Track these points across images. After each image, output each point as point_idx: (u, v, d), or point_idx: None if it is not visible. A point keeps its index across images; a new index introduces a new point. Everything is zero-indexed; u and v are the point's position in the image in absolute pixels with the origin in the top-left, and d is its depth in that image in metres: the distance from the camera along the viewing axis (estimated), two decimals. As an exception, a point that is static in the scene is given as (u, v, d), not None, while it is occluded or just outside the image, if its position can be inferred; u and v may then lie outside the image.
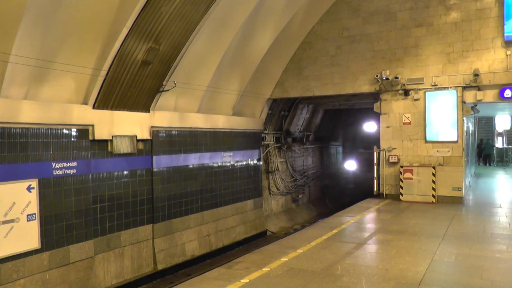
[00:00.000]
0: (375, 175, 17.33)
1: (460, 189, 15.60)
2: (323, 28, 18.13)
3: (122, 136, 11.41)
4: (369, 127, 23.56)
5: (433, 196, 15.72)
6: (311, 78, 18.26)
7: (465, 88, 15.64)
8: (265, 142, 19.12)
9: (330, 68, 17.93)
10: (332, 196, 25.47)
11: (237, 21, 13.61)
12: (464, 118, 16.58)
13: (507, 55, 14.85)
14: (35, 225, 9.12)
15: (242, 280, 7.40)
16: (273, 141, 19.90)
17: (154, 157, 12.40)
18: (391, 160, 16.70)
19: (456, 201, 15.45)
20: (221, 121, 15.53)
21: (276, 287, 7.15)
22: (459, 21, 15.76)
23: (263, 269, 8.01)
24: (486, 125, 35.60)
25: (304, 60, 18.43)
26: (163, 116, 12.80)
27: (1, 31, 8.39)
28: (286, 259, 8.67)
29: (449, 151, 15.81)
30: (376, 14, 17.17)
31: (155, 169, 12.42)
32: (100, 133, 10.77)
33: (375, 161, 17.35)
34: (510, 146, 34.75)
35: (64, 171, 9.80)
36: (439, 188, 15.76)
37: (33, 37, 9.08)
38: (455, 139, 15.76)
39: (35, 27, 9.02)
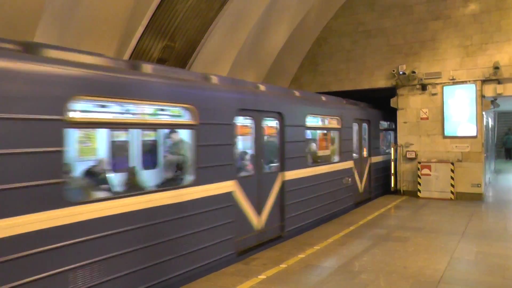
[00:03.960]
0: (392, 171, 17.17)
1: (479, 185, 15.36)
2: (338, 23, 18.00)
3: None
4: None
5: (452, 192, 15.51)
6: (327, 73, 18.16)
7: (484, 81, 15.39)
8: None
9: (346, 64, 17.80)
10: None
11: (252, 18, 13.59)
12: (484, 113, 16.30)
13: (529, 46, 14.58)
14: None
15: (259, 276, 7.38)
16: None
17: None
18: (408, 156, 16.53)
19: (476, 198, 15.21)
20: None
21: (293, 284, 7.12)
22: (477, 13, 15.50)
23: (280, 266, 7.98)
24: (508, 119, 34.84)
25: (320, 55, 18.34)
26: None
27: (20, 31, 8.49)
28: (303, 255, 8.63)
29: (467, 146, 15.58)
30: (392, 8, 16.98)
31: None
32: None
33: (392, 157, 17.19)
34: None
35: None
36: (458, 185, 15.54)
37: (51, 37, 9.18)
38: (474, 134, 15.52)
39: (52, 27, 9.12)
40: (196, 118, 7.30)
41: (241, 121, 9.06)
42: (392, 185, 17.20)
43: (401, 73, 16.39)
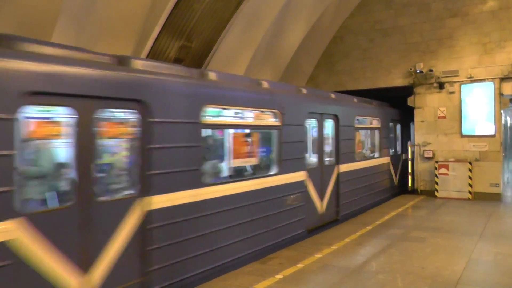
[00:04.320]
0: (409, 171, 17.06)
1: (498, 185, 15.17)
2: (354, 21, 17.92)
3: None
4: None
5: (470, 192, 15.35)
6: (343, 72, 18.10)
7: (503, 79, 15.20)
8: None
9: (362, 62, 17.72)
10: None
11: (268, 17, 13.59)
12: (502, 111, 16.09)
13: (549, 44, 14.37)
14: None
15: (276, 276, 7.41)
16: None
17: None
18: (426, 155, 16.40)
19: (494, 198, 15.03)
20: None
21: (310, 284, 7.13)
22: (496, 9, 15.30)
23: (297, 265, 7.99)
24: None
25: (336, 54, 18.28)
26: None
27: (38, 32, 8.62)
28: (320, 255, 8.63)
29: (485, 145, 15.40)
30: (409, 6, 16.85)
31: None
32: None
33: (409, 156, 17.08)
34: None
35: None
36: (476, 184, 15.37)
37: (68, 37, 9.30)
38: (492, 133, 15.34)
39: (70, 28, 9.24)
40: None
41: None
42: (409, 185, 17.09)
43: (418, 71, 16.27)
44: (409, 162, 17.09)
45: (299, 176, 9.83)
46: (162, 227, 6.38)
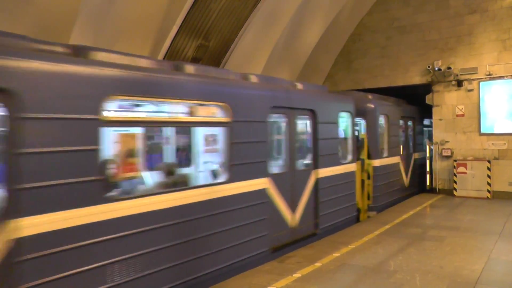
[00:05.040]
0: (427, 169, 16.95)
1: (517, 184, 15.01)
2: (372, 19, 17.84)
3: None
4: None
5: (488, 191, 15.20)
6: (361, 70, 18.04)
7: (523, 77, 15.02)
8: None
9: (380, 60, 17.64)
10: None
11: (286, 15, 13.62)
12: (522, 109, 15.89)
13: None
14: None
15: (294, 275, 7.45)
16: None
17: None
18: (444, 154, 16.28)
19: (513, 197, 14.89)
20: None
21: (328, 282, 7.17)
22: (516, 5, 15.13)
23: (315, 264, 8.03)
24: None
25: (354, 52, 18.22)
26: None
27: (55, 33, 8.77)
28: (338, 254, 8.66)
29: (505, 144, 15.22)
30: (427, 3, 16.73)
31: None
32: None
33: (427, 155, 16.97)
34: None
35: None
36: (495, 183, 15.21)
37: (86, 38, 9.45)
38: (511, 131, 15.16)
39: (88, 28, 9.38)
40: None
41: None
42: (428, 183, 16.99)
43: (436, 69, 16.15)
44: (427, 161, 16.98)
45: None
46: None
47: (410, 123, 16.47)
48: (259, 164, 8.11)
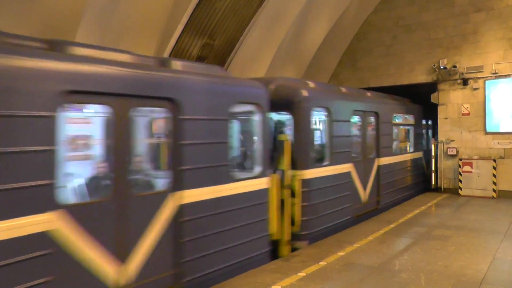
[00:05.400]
0: (433, 168, 16.91)
1: (523, 183, 14.96)
2: (377, 18, 17.80)
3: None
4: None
5: (494, 190, 15.15)
6: (366, 69, 18.01)
7: (529, 75, 14.96)
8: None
9: (385, 59, 17.61)
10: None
11: (291, 14, 13.61)
12: (528, 108, 15.82)
13: None
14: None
15: (299, 274, 7.47)
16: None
17: None
18: (449, 153, 16.23)
19: (519, 196, 14.84)
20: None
21: (333, 281, 7.18)
22: (523, 3, 15.07)
23: (320, 263, 8.04)
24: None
25: (359, 51, 18.20)
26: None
27: (61, 32, 8.80)
28: (343, 253, 8.66)
29: (510, 142, 15.16)
30: (433, 1, 16.68)
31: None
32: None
33: (432, 153, 16.93)
34: None
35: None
36: (500, 182, 15.16)
37: (92, 37, 9.48)
38: (517, 130, 15.12)
39: (93, 27, 9.42)
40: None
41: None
42: (433, 183, 16.95)
43: (442, 67, 16.11)
44: (432, 160, 16.95)
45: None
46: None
47: (372, 119, 12.99)
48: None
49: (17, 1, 8.16)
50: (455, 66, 15.89)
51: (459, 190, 15.78)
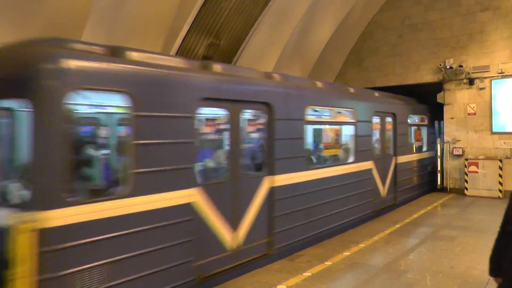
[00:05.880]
0: (438, 169, 16.87)
1: (529, 183, 14.88)
2: (383, 17, 17.76)
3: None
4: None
5: (500, 191, 15.09)
6: (372, 69, 17.98)
7: (535, 75, 14.89)
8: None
9: (391, 58, 17.57)
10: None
11: (297, 13, 13.60)
12: (535, 108, 15.74)
13: None
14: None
15: (304, 274, 7.48)
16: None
17: None
18: (455, 153, 16.18)
19: (525, 196, 14.72)
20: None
21: (338, 282, 7.19)
22: (530, 2, 15.00)
23: (325, 263, 8.05)
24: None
25: (365, 51, 18.17)
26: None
27: (67, 31, 8.84)
28: (348, 253, 8.66)
29: (517, 143, 15.12)
30: (439, 1, 16.64)
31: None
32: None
33: (438, 153, 16.88)
34: None
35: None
36: (506, 183, 15.09)
37: (98, 36, 9.52)
38: (524, 130, 15.04)
39: (99, 27, 9.46)
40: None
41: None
42: (439, 183, 16.90)
43: (448, 67, 16.06)
44: (438, 160, 16.91)
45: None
46: None
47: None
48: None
49: (24, 0, 8.20)
50: (461, 66, 15.84)
51: (465, 190, 15.73)
